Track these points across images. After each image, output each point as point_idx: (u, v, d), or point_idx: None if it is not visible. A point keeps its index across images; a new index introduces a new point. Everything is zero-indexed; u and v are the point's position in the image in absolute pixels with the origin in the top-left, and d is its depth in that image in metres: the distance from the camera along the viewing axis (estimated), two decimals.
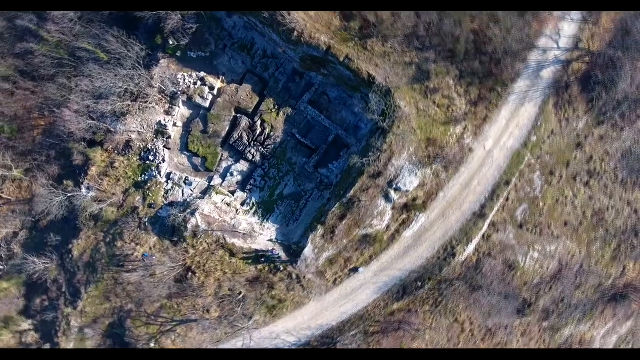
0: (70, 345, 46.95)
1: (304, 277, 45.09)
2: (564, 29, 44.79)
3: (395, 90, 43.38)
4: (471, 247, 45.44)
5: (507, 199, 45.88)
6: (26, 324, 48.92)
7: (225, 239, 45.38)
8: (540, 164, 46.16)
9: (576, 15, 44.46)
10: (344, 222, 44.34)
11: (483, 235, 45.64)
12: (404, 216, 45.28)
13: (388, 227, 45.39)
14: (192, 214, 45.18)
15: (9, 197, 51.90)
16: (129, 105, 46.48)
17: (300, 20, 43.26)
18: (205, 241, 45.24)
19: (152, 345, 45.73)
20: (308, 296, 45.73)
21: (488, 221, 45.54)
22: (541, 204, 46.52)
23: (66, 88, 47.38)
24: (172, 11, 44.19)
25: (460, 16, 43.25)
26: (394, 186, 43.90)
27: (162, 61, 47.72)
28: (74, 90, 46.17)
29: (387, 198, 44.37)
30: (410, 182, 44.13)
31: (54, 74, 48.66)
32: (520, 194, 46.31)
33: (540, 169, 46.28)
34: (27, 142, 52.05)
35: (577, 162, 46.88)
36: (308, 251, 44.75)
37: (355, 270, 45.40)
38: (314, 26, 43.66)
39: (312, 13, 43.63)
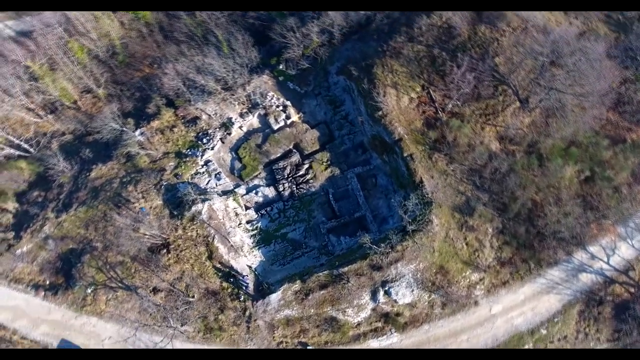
0: (29, 246, 47.12)
1: (254, 321, 42.79)
2: (620, 248, 43.42)
3: (436, 207, 43.71)
4: None
5: None
6: (11, 205, 50.57)
7: (214, 239, 45.37)
8: None
9: (638, 243, 43.27)
10: (321, 292, 42.61)
11: None
12: (379, 324, 42.58)
13: (359, 324, 42.71)
14: (203, 201, 46.39)
15: (81, 106, 57.51)
16: (217, 90, 51.56)
17: (390, 105, 46.89)
18: (197, 230, 45.53)
19: (88, 291, 44.57)
20: (246, 342, 42.87)
21: None
22: None
23: (182, 54, 54.08)
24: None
25: (527, 181, 44.16)
26: (386, 288, 42.09)
27: (264, 76, 53.37)
28: (187, 57, 52.52)
29: (374, 296, 42.39)
30: (403, 295, 42.11)
31: (181, 41, 56.18)
32: None
33: None
34: (126, 76, 58.92)
35: None
36: (274, 298, 42.97)
37: (304, 345, 42.31)
38: (398, 116, 46.94)
39: (402, 106, 47.26)
